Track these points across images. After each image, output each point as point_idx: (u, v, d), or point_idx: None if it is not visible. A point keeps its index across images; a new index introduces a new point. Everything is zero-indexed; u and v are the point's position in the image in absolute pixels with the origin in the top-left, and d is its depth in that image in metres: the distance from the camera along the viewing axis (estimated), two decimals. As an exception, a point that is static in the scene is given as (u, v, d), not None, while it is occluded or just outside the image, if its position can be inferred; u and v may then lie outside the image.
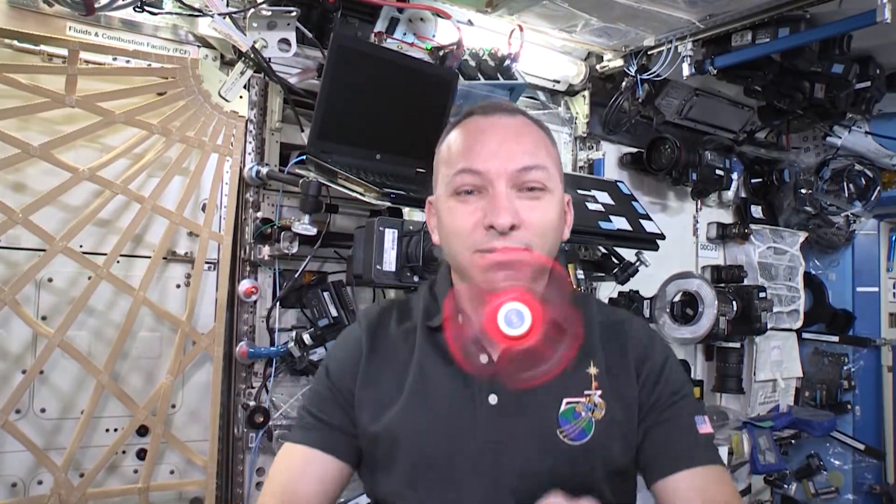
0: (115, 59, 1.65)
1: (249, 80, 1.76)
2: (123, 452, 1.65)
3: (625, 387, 0.95)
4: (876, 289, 3.20)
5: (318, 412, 1.01)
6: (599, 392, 0.93)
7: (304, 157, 1.72)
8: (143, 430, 1.65)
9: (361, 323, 1.06)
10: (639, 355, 0.98)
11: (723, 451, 2.38)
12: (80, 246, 1.59)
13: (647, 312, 2.47)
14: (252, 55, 1.68)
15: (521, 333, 0.63)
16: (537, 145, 0.94)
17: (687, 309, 2.50)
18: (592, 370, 0.94)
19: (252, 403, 1.76)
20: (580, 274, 2.25)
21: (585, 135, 2.50)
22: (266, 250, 1.76)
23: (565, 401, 0.92)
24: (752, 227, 2.94)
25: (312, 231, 1.71)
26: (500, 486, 0.90)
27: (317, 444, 0.98)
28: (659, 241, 2.23)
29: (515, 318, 0.63)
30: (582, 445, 0.91)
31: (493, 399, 0.92)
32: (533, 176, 0.91)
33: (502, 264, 0.88)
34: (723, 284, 2.80)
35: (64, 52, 1.56)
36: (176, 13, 1.69)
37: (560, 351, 0.83)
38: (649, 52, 2.21)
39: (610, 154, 2.61)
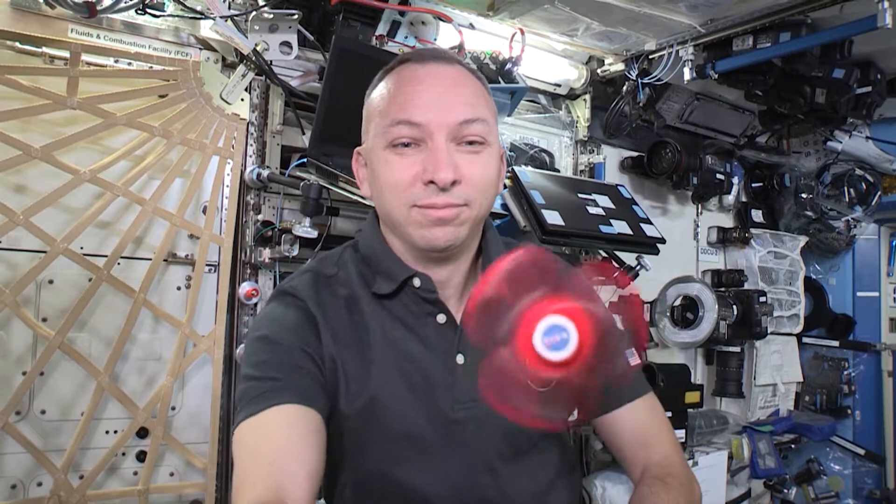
0: (116, 62, 1.65)
1: (251, 82, 1.76)
2: (123, 454, 1.65)
3: None
4: (876, 293, 3.19)
5: (276, 373, 0.85)
6: None
7: (305, 159, 1.72)
8: (143, 432, 1.65)
9: (300, 292, 0.94)
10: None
11: (722, 456, 2.38)
12: (81, 248, 1.59)
13: (647, 316, 2.47)
14: (253, 58, 1.68)
15: (567, 358, 0.43)
16: (477, 96, 0.89)
17: (687, 313, 2.50)
18: None
19: (252, 406, 1.76)
20: (580, 277, 2.25)
21: (586, 138, 2.50)
22: (267, 253, 1.76)
23: None
24: (753, 231, 2.94)
25: (313, 234, 1.71)
26: (483, 447, 0.90)
27: (291, 401, 0.82)
28: (659, 245, 2.22)
29: (558, 338, 0.42)
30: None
31: (459, 359, 0.91)
32: (473, 129, 0.86)
33: (442, 220, 0.85)
34: (723, 288, 2.79)
35: (66, 54, 1.56)
36: (178, 16, 1.69)
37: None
38: (650, 57, 2.22)
39: (611, 158, 2.61)
